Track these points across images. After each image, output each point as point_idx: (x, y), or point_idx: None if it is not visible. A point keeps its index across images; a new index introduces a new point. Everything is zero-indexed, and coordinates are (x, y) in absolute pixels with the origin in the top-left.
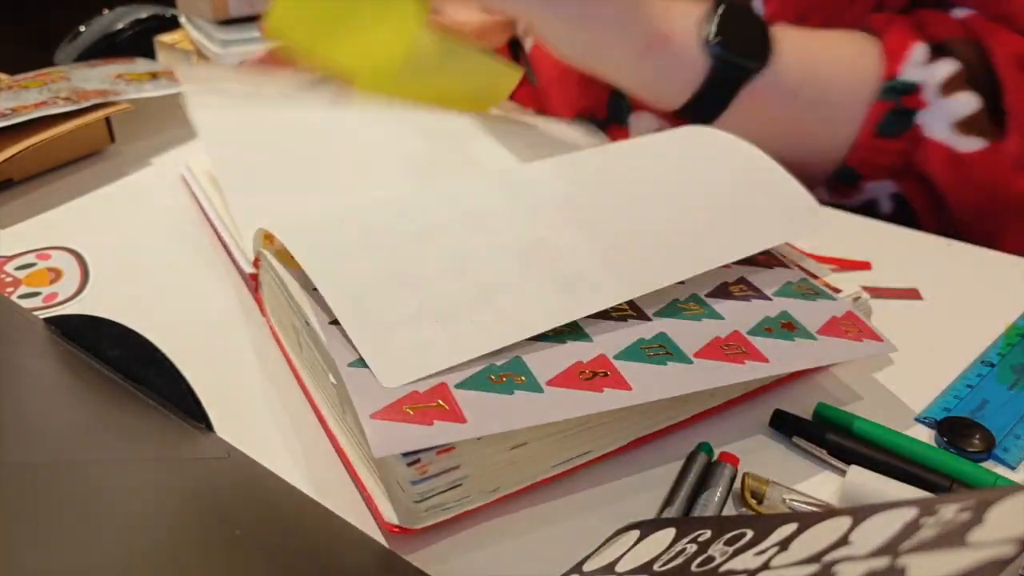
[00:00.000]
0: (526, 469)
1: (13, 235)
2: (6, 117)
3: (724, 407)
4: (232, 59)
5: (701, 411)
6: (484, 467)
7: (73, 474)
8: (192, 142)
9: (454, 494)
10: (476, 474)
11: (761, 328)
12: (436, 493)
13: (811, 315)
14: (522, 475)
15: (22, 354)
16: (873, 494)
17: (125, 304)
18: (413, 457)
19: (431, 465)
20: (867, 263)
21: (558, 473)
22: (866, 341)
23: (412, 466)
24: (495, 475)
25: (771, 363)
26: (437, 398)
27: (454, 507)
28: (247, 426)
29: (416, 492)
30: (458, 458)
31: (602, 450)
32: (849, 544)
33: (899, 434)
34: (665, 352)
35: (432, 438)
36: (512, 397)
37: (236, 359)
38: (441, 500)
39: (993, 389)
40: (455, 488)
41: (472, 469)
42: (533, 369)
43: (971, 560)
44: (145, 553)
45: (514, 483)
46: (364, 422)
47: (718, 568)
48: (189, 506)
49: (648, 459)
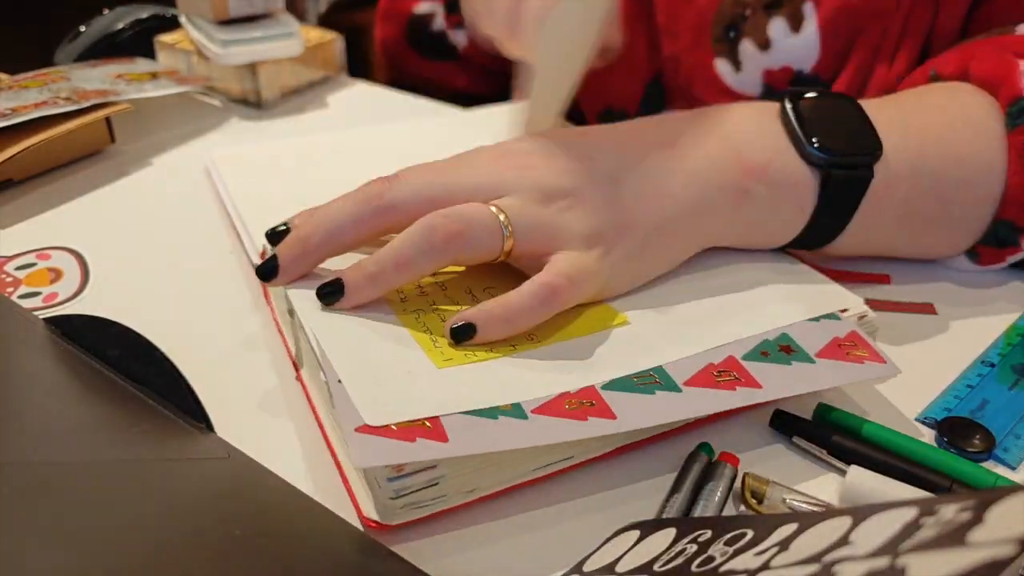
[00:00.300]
0: (505, 471)
1: (13, 235)
2: (6, 117)
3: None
4: (232, 59)
5: (691, 421)
6: (462, 468)
7: (73, 474)
8: (192, 142)
9: (430, 492)
10: (453, 474)
11: (758, 352)
12: (412, 491)
13: (812, 337)
14: (501, 477)
15: (22, 354)
16: (873, 494)
17: (125, 304)
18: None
19: (407, 464)
20: (886, 276)
21: (539, 477)
22: (867, 363)
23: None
24: (473, 476)
25: (764, 389)
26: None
27: (431, 505)
28: (247, 426)
29: (392, 489)
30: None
31: (584, 456)
32: (849, 544)
33: (899, 434)
34: (654, 381)
35: (414, 454)
36: (496, 422)
37: (236, 359)
38: (418, 498)
39: (993, 389)
40: (432, 487)
41: (449, 469)
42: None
43: (971, 560)
44: (145, 553)
45: (492, 484)
46: (347, 436)
47: (718, 568)
48: (189, 506)
49: (648, 459)
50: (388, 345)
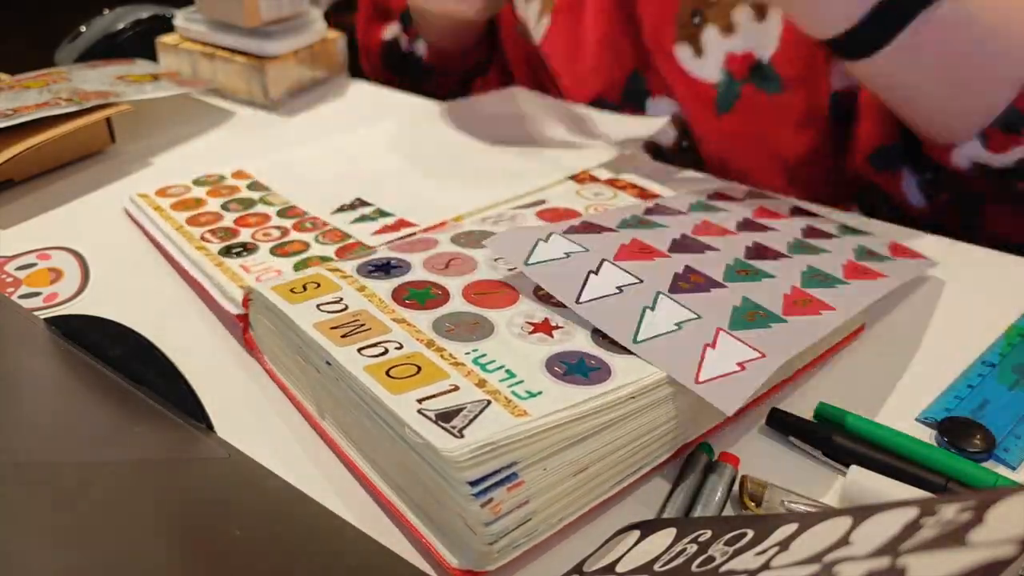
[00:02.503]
0: (588, 494)
1: (13, 235)
2: (7, 117)
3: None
4: (279, 48)
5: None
6: (550, 498)
7: (73, 474)
8: (192, 143)
9: (523, 530)
10: (543, 507)
11: (810, 279)
12: (508, 532)
13: (830, 264)
14: (583, 500)
15: (22, 354)
16: (873, 494)
17: (125, 304)
18: (485, 498)
19: (503, 504)
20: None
21: (614, 494)
22: (900, 260)
23: (485, 507)
24: (560, 504)
25: (837, 310)
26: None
27: (524, 543)
28: (247, 426)
29: (490, 534)
30: (527, 491)
31: (653, 463)
32: (849, 544)
33: (899, 434)
34: (761, 315)
35: (752, 379)
36: (769, 331)
37: (237, 359)
38: (512, 538)
39: (994, 389)
40: (525, 524)
41: (539, 503)
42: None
43: (971, 560)
44: (145, 552)
45: (576, 510)
46: (694, 387)
47: (718, 568)
48: (189, 506)
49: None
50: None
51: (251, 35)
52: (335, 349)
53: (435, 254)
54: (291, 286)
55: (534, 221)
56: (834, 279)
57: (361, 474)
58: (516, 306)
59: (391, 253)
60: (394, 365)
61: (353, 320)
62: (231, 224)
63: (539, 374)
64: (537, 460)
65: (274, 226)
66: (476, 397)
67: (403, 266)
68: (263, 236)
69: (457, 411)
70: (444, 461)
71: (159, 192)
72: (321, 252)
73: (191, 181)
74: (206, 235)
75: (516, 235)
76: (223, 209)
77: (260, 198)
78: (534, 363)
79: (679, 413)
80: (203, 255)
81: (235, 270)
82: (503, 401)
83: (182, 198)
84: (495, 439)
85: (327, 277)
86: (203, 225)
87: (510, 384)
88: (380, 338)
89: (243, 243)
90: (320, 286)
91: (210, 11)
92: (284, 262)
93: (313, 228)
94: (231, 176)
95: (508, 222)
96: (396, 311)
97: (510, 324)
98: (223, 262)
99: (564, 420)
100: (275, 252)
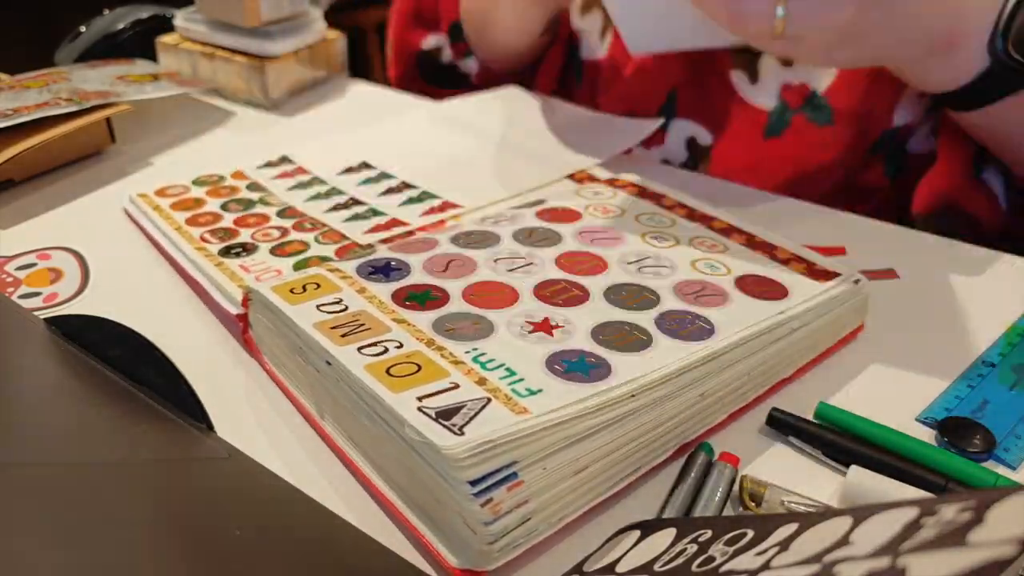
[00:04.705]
0: (588, 493)
1: (13, 235)
2: (7, 117)
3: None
4: (282, 48)
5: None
6: (550, 497)
7: (73, 474)
8: (192, 142)
9: (523, 529)
10: (543, 507)
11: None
12: (508, 531)
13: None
14: (583, 500)
15: (22, 354)
16: (873, 494)
17: (125, 304)
18: (485, 497)
19: (503, 503)
20: (841, 248)
21: (614, 493)
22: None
23: (485, 506)
24: (560, 503)
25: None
26: None
27: (524, 543)
28: (247, 426)
29: (490, 533)
30: (527, 491)
31: (653, 463)
32: (850, 544)
33: (899, 434)
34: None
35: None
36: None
37: (236, 359)
38: (512, 538)
39: (994, 389)
40: (525, 523)
41: (539, 502)
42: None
43: (971, 560)
44: (145, 553)
45: (576, 509)
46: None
47: (719, 568)
48: (189, 506)
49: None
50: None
51: (251, 35)
52: (335, 348)
53: (434, 255)
54: (291, 286)
55: (533, 221)
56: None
57: (361, 474)
58: (516, 306)
59: (391, 254)
60: (394, 364)
61: (353, 320)
62: (231, 224)
63: (539, 372)
64: (537, 459)
65: (274, 226)
66: (476, 395)
67: (403, 268)
68: (263, 236)
69: (457, 409)
70: (444, 459)
71: (159, 192)
72: (321, 252)
73: (191, 181)
74: (206, 235)
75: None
76: (223, 209)
77: (259, 198)
78: (534, 361)
79: (679, 413)
80: (203, 255)
81: (235, 270)
82: (503, 399)
83: (182, 198)
84: (496, 436)
85: (327, 277)
86: (203, 225)
87: (510, 382)
88: (380, 337)
89: (243, 243)
90: (320, 286)
91: (210, 11)
92: (284, 262)
93: (312, 228)
94: (230, 176)
95: (507, 222)
96: (396, 312)
97: (510, 324)
98: (223, 262)
99: (565, 417)
100: (275, 252)
